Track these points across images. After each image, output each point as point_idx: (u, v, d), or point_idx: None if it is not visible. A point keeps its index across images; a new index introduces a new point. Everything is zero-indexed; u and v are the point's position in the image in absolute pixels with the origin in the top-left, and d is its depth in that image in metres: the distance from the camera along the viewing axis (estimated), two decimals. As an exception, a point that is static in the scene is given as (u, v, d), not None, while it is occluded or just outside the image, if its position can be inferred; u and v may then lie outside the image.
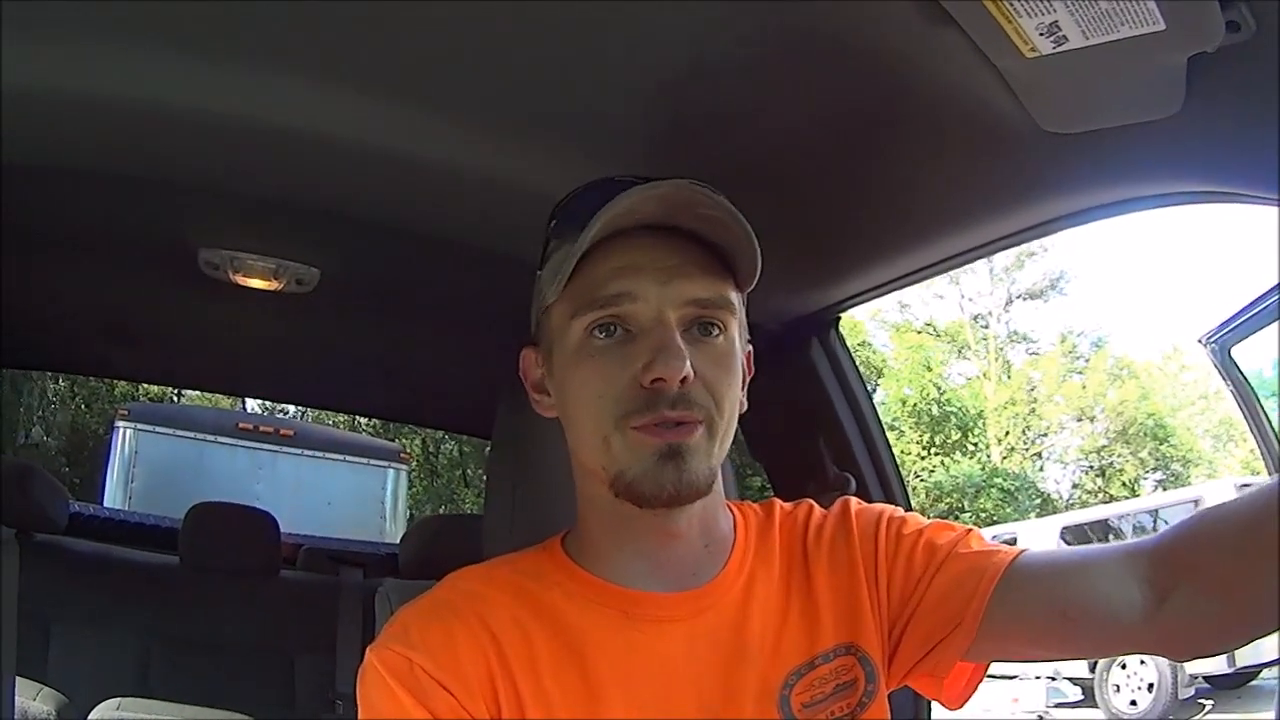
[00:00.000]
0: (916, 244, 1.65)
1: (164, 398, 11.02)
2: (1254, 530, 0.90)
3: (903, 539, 1.09)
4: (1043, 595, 1.01)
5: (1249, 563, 0.89)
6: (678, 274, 0.98)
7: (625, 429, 0.96)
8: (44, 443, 12.78)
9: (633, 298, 0.97)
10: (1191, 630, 0.96)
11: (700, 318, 0.99)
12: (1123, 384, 20.95)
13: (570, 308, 1.00)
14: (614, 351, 0.98)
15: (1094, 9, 0.96)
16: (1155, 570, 0.96)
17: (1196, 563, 0.94)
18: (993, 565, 1.02)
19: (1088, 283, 27.92)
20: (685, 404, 0.96)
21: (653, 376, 0.94)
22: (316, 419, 12.49)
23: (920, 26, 1.08)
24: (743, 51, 1.23)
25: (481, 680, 0.96)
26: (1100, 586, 0.98)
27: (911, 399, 20.94)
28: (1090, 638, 1.02)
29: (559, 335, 1.02)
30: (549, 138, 1.50)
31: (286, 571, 3.22)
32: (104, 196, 1.92)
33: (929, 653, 1.05)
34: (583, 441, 1.02)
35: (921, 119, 1.31)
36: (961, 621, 1.01)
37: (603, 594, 1.03)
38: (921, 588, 1.06)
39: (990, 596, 1.01)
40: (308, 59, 1.35)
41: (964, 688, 1.07)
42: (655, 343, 0.96)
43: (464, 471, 16.46)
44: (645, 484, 0.96)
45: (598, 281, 0.98)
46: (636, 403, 0.96)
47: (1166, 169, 1.25)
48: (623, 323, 0.98)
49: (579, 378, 0.99)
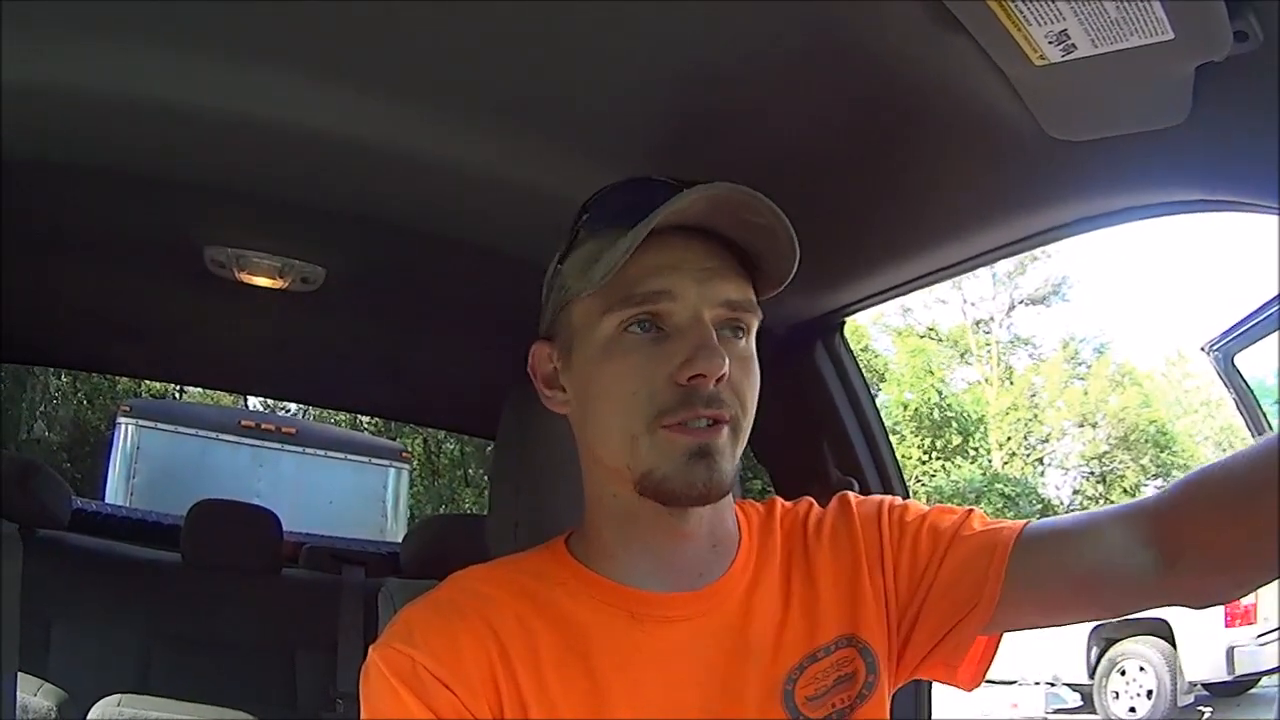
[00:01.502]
0: (922, 249, 1.65)
1: (166, 394, 11.00)
2: (1254, 492, 0.92)
3: (906, 526, 1.09)
4: (1054, 564, 1.02)
5: (1253, 524, 0.91)
6: (715, 275, 0.99)
7: (656, 429, 0.96)
8: (46, 438, 12.76)
9: (672, 296, 0.97)
10: (1204, 584, 1.00)
11: (731, 320, 1.00)
12: (1124, 390, 20.92)
13: (602, 303, 0.99)
14: (649, 348, 0.98)
15: (1103, 18, 0.96)
16: (1162, 536, 0.98)
17: (1200, 530, 0.96)
18: (1001, 541, 1.04)
19: (1091, 288, 27.95)
20: (718, 404, 0.96)
21: (692, 373, 0.95)
22: (319, 417, 12.47)
23: (929, 32, 1.08)
24: (750, 54, 1.24)
25: (485, 680, 0.96)
26: (1110, 552, 1.00)
27: (913, 403, 20.90)
28: (1104, 602, 1.07)
29: (584, 330, 1.02)
30: (555, 138, 1.50)
31: (288, 570, 3.22)
32: (109, 194, 1.93)
33: (945, 636, 1.05)
34: (604, 439, 1.01)
35: (929, 125, 1.31)
36: (979, 601, 1.02)
37: (608, 593, 1.03)
38: (930, 573, 1.06)
39: (1004, 572, 1.02)
40: (313, 57, 1.36)
41: (978, 666, 1.08)
42: (694, 340, 0.96)
43: (465, 471, 16.43)
44: (675, 482, 0.96)
45: (634, 278, 0.97)
46: (671, 400, 0.96)
47: (1173, 178, 1.25)
48: (658, 321, 0.98)
49: (610, 374, 0.99)
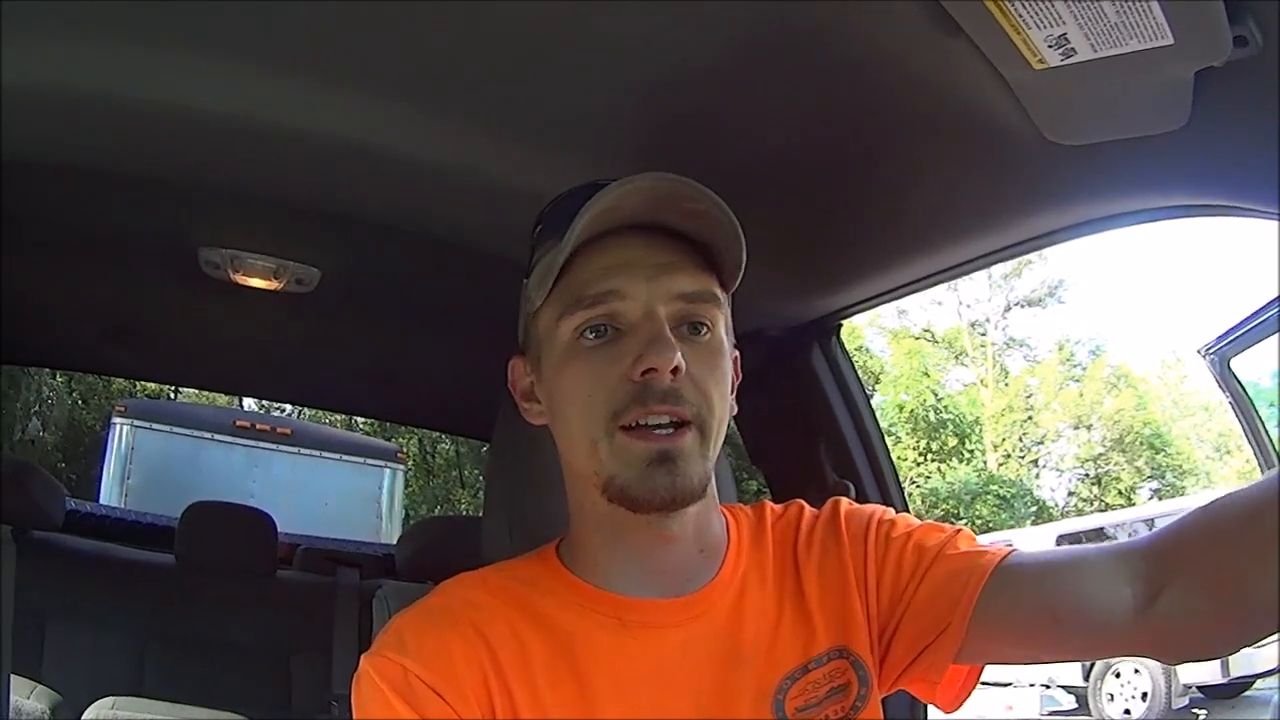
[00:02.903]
0: (919, 252, 1.65)
1: (161, 395, 10.99)
2: (1252, 524, 0.89)
3: (892, 542, 1.08)
4: (1031, 595, 1.00)
5: (1245, 558, 0.88)
6: (666, 270, 0.98)
7: (614, 432, 0.95)
8: (40, 439, 12.76)
9: (621, 295, 0.97)
10: (1182, 631, 0.94)
11: (689, 315, 0.99)
12: (1119, 393, 20.98)
13: (558, 310, 0.99)
14: (604, 350, 0.97)
15: (1103, 22, 0.96)
16: (1148, 566, 0.95)
17: (1190, 557, 0.93)
18: (980, 566, 1.01)
19: (1086, 291, 28.03)
20: (675, 399, 0.95)
21: (644, 368, 0.94)
22: (314, 418, 12.47)
23: (928, 35, 1.08)
24: (747, 56, 1.23)
25: (476, 688, 0.95)
26: (1090, 586, 0.97)
27: (908, 405, 20.95)
28: (1080, 638, 1.01)
29: (547, 339, 1.02)
30: (550, 140, 1.50)
31: (283, 571, 3.21)
32: (104, 195, 1.92)
33: (919, 655, 1.04)
34: (572, 446, 1.01)
35: (927, 127, 1.31)
36: (950, 624, 1.01)
37: (597, 601, 1.02)
38: (910, 590, 1.05)
39: (978, 597, 1.00)
40: (309, 59, 1.35)
41: (959, 690, 1.06)
42: (645, 336, 0.95)
43: (460, 472, 16.47)
44: (636, 489, 0.95)
45: (585, 281, 0.97)
46: (626, 399, 0.95)
47: (1172, 182, 1.25)
48: (612, 321, 0.97)
49: (568, 379, 0.99)
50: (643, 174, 0.96)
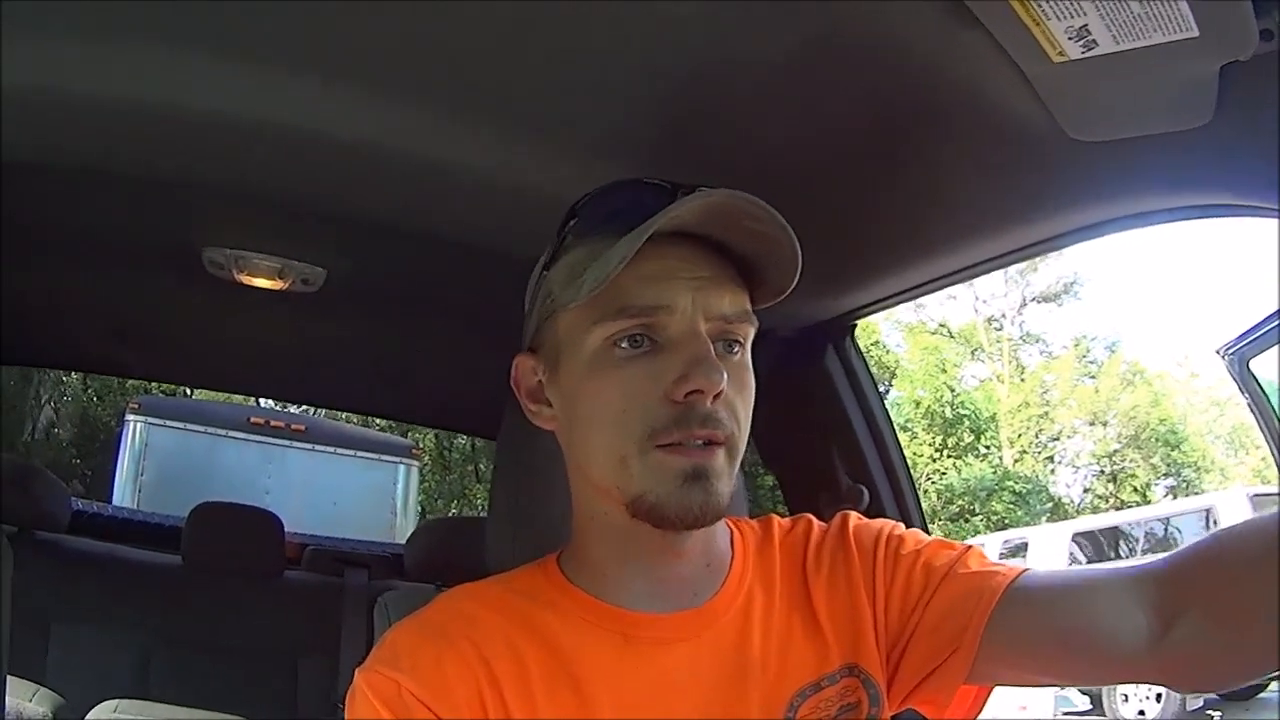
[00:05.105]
0: (936, 252, 1.63)
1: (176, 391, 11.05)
2: (1266, 558, 0.86)
3: (900, 559, 1.05)
4: (1042, 618, 0.98)
5: (1259, 593, 0.86)
6: (710, 285, 0.95)
7: (649, 449, 0.92)
8: (54, 434, 12.84)
9: (670, 310, 0.93)
10: (1194, 663, 0.93)
11: (726, 333, 0.96)
12: (1135, 389, 20.94)
13: (590, 314, 0.95)
14: (641, 364, 0.93)
15: (1125, 13, 0.94)
16: (1162, 594, 0.93)
17: (1205, 587, 0.91)
18: (990, 587, 0.99)
19: (1102, 287, 27.99)
20: (715, 423, 0.92)
21: (689, 389, 0.90)
22: (328, 414, 12.51)
23: (946, 29, 1.06)
24: (761, 53, 1.21)
25: (471, 704, 0.93)
26: (1102, 611, 0.95)
27: (925, 401, 20.96)
28: (1091, 664, 0.99)
29: (570, 343, 0.98)
30: (557, 139, 1.49)
31: (290, 572, 3.20)
32: (109, 195, 1.92)
33: (929, 676, 1.01)
34: (593, 459, 0.97)
35: (945, 124, 1.29)
36: (960, 645, 0.98)
37: (601, 615, 1.00)
38: (920, 610, 1.03)
39: (988, 619, 0.97)
40: (313, 59, 1.34)
41: (968, 710, 1.04)
42: (690, 355, 0.91)
43: (476, 467, 16.49)
44: (670, 507, 0.92)
45: (627, 289, 0.93)
46: (666, 419, 0.91)
47: (1196, 181, 1.22)
48: (651, 334, 0.94)
49: (598, 391, 0.95)
50: (711, 188, 0.93)
